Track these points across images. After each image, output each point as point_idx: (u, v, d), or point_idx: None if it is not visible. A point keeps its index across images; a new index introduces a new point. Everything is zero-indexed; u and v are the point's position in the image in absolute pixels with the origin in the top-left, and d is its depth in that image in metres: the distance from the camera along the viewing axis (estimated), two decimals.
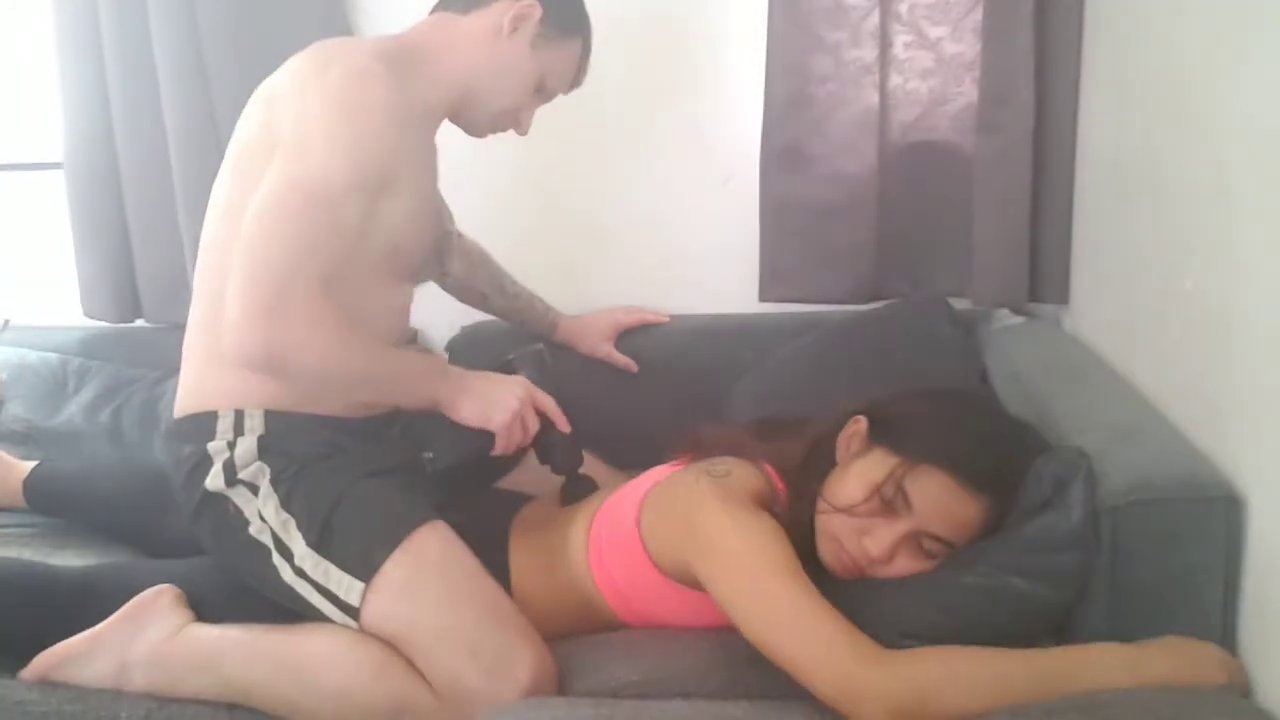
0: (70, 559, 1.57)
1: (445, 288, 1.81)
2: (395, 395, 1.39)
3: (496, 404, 1.35)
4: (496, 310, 1.85)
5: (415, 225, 1.42)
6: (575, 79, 1.56)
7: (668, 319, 1.95)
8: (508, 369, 1.43)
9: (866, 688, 0.99)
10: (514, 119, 1.51)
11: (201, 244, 1.41)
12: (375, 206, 1.32)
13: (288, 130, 1.31)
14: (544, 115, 1.54)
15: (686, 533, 1.18)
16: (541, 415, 1.40)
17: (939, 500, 1.15)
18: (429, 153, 1.48)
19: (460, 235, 1.79)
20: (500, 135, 1.52)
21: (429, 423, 1.36)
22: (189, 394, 1.40)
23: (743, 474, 1.25)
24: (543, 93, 1.51)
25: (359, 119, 1.29)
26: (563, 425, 1.40)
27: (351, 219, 1.29)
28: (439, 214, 1.53)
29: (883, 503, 1.16)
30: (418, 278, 1.53)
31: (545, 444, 1.42)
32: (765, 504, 1.22)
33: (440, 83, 1.42)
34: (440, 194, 1.70)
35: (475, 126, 1.51)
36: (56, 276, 2.15)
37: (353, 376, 1.32)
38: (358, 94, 1.30)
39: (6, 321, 2.15)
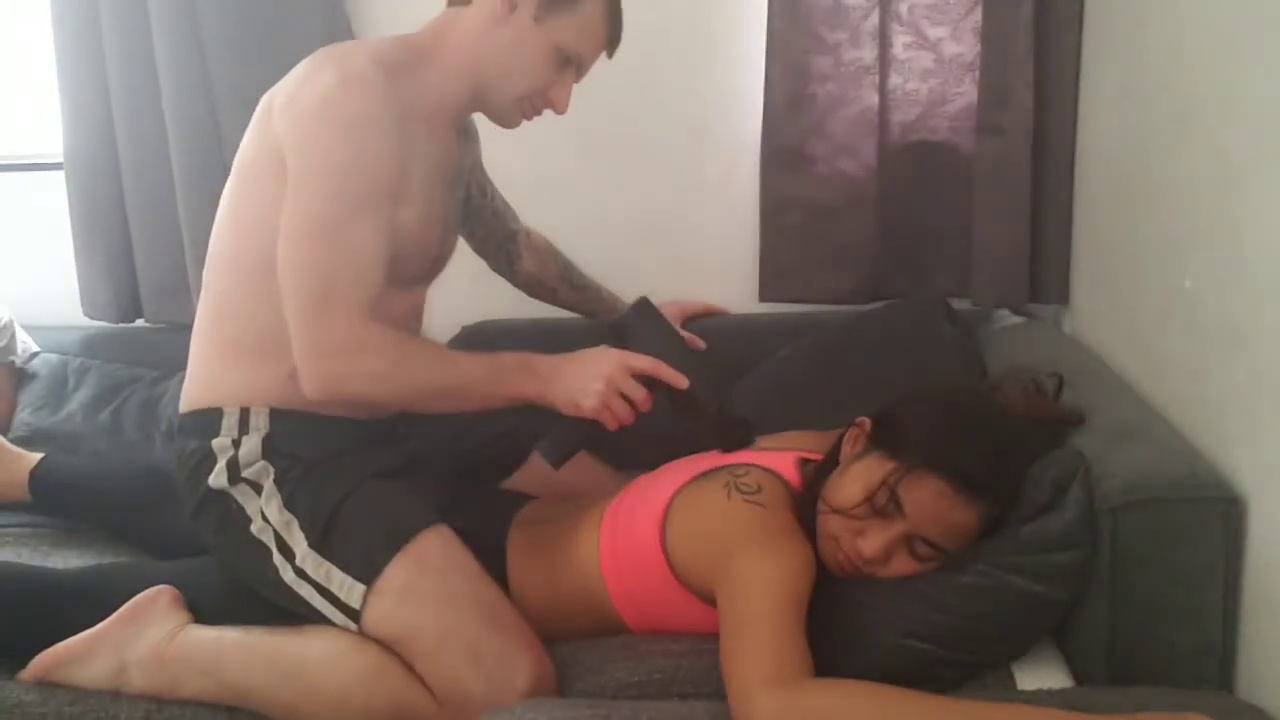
0: (70, 559, 1.58)
1: (516, 284, 1.79)
2: (477, 403, 1.33)
3: (581, 390, 1.28)
4: (565, 303, 1.83)
5: (421, 231, 1.37)
6: (606, 41, 1.40)
7: (728, 311, 1.97)
8: (615, 332, 1.35)
9: (756, 707, 0.99)
10: (543, 100, 1.40)
11: (210, 246, 1.40)
12: (393, 217, 1.30)
13: (291, 151, 1.27)
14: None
15: (721, 558, 1.17)
16: (651, 379, 1.29)
17: (932, 506, 1.15)
18: (440, 154, 1.41)
19: (528, 233, 1.77)
20: (502, 133, 1.49)
21: (540, 413, 1.31)
22: (195, 389, 1.39)
23: (770, 486, 1.25)
24: (571, 64, 1.38)
25: (355, 133, 1.25)
26: (676, 381, 1.29)
27: (373, 238, 1.27)
28: (447, 218, 1.47)
29: (877, 506, 1.16)
30: (421, 282, 1.48)
31: (670, 404, 1.32)
32: (791, 510, 1.23)
33: (449, 79, 1.37)
34: (497, 192, 1.71)
35: (502, 116, 1.43)
36: (56, 276, 2.15)
37: (420, 394, 1.30)
38: (352, 104, 1.25)
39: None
